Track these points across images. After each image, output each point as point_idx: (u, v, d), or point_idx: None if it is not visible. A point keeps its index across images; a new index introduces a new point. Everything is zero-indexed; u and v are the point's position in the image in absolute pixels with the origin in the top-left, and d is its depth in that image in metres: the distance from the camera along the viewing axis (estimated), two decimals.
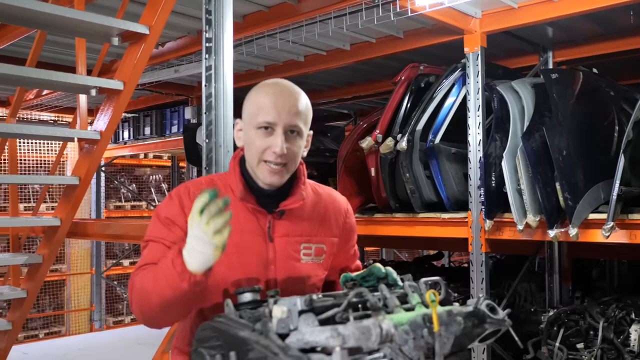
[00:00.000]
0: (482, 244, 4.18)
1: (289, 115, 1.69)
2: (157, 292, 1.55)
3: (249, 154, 1.74)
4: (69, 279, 8.83)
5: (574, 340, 4.16)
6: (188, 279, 1.50)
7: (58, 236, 3.63)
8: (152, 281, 1.57)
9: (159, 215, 1.73)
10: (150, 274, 1.60)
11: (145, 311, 1.61)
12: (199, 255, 1.49)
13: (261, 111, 1.69)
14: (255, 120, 1.70)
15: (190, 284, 1.50)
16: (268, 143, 1.69)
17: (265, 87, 1.74)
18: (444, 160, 4.37)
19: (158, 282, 1.55)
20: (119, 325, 8.97)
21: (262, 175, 1.72)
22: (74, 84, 3.13)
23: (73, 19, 2.93)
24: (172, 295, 1.53)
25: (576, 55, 5.17)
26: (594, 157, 3.96)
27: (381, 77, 6.14)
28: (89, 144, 3.38)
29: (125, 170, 9.76)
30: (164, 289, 1.53)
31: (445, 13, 3.98)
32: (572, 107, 3.94)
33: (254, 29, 4.25)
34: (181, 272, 1.50)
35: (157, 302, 1.56)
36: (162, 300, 1.55)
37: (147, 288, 1.58)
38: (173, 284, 1.51)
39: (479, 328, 1.64)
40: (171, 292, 1.53)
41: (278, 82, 1.77)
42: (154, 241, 1.70)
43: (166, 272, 1.53)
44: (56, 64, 5.36)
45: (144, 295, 1.59)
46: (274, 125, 1.68)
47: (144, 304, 1.60)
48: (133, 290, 1.64)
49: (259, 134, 1.70)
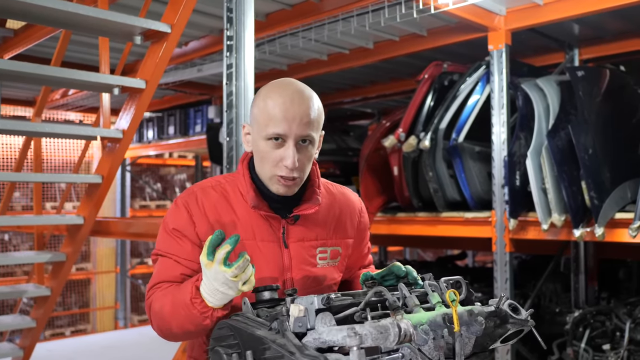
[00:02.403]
0: (506, 243, 4.12)
1: (300, 126, 1.60)
2: (177, 324, 1.56)
3: (259, 164, 1.68)
4: (94, 278, 8.94)
5: (600, 341, 4.10)
6: (210, 316, 1.51)
7: (81, 234, 3.66)
8: (170, 311, 1.56)
9: (167, 227, 1.68)
10: (167, 299, 1.58)
11: (165, 334, 1.64)
12: (221, 295, 1.49)
13: (271, 122, 1.60)
14: (265, 131, 1.61)
15: (213, 320, 1.51)
16: (280, 155, 1.62)
17: (274, 94, 1.63)
18: (467, 159, 4.32)
19: (178, 316, 1.55)
20: (144, 323, 9.05)
21: (274, 187, 1.67)
22: (97, 83, 3.16)
23: (97, 18, 2.95)
24: (194, 330, 1.56)
25: (603, 53, 5.08)
26: (621, 155, 3.89)
27: (404, 76, 6.10)
28: (112, 142, 3.40)
29: (150, 169, 9.87)
30: (184, 323, 1.54)
31: (469, 10, 3.93)
32: (598, 105, 3.87)
33: (276, 27, 4.25)
34: (203, 311, 1.50)
35: (178, 333, 1.59)
36: (184, 332, 1.58)
37: (166, 317, 1.58)
38: (195, 322, 1.52)
39: (501, 328, 1.61)
40: (194, 327, 1.54)
41: (287, 86, 1.66)
42: (164, 256, 1.67)
43: (187, 311, 1.52)
44: (80, 63, 5.43)
45: (163, 321, 1.59)
46: (285, 137, 1.61)
47: (163, 329, 1.62)
48: (151, 311, 1.64)
49: (269, 145, 1.62)
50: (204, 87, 6.60)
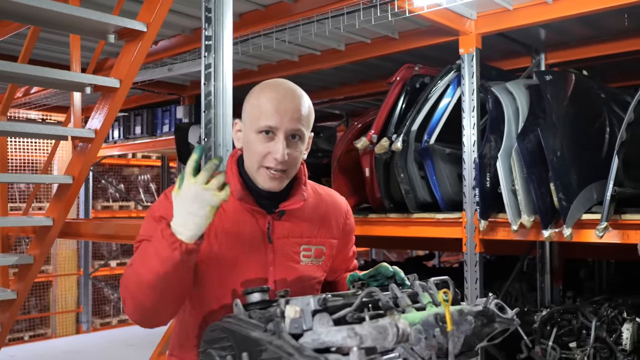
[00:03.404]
0: (477, 244, 4.19)
1: (291, 120, 1.65)
2: (148, 270, 1.50)
3: (249, 157, 1.71)
4: (55, 280, 8.73)
5: (567, 339, 4.20)
6: (179, 247, 1.46)
7: (50, 236, 3.58)
8: (141, 262, 1.53)
9: (154, 215, 1.69)
10: (138, 260, 1.56)
11: (139, 301, 1.55)
12: (192, 218, 1.46)
13: (262, 115, 1.65)
14: (257, 124, 1.65)
15: (182, 252, 1.47)
16: (269, 148, 1.65)
17: (268, 90, 1.69)
18: (438, 161, 4.38)
19: (148, 260, 1.51)
20: (106, 327, 8.90)
21: (261, 180, 1.69)
22: (70, 82, 3.09)
23: (69, 15, 2.89)
24: (163, 270, 1.48)
25: (568, 58, 5.22)
26: (586, 158, 3.99)
27: (374, 78, 6.15)
28: (84, 142, 3.34)
29: (113, 169, 9.68)
30: (155, 265, 1.49)
31: (441, 14, 3.98)
32: (565, 109, 3.97)
33: (250, 27, 4.23)
34: (172, 241, 1.46)
35: (149, 283, 1.50)
36: (155, 277, 1.49)
37: (138, 271, 1.53)
38: (164, 256, 1.47)
39: (488, 327, 1.64)
40: (162, 267, 1.48)
41: (280, 84, 1.72)
42: (147, 240, 1.65)
43: (156, 246, 1.49)
44: (48, 61, 5.31)
45: (135, 280, 1.54)
46: (276, 130, 1.65)
47: (137, 294, 1.54)
48: (124, 286, 1.59)
49: (259, 138, 1.66)
50: (173, 86, 6.53)
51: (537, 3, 3.99)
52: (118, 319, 9.17)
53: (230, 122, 2.83)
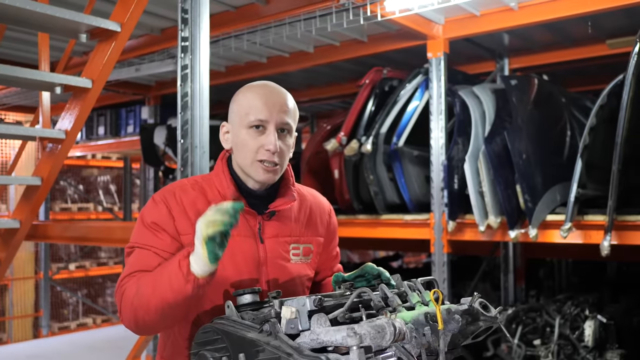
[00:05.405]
0: (444, 244, 4.27)
1: (280, 113, 1.70)
2: (157, 296, 1.53)
3: (241, 154, 1.73)
4: (11, 284, 8.49)
5: (532, 337, 4.31)
6: (193, 282, 1.49)
7: (17, 239, 3.51)
8: (151, 286, 1.55)
9: (144, 221, 1.69)
10: (147, 279, 1.57)
11: (140, 317, 1.57)
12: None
13: (252, 110, 1.69)
14: (247, 119, 1.69)
15: (195, 286, 1.49)
16: (261, 142, 1.68)
17: (254, 88, 1.75)
18: (406, 163, 4.45)
19: (159, 286, 1.53)
20: (65, 331, 8.69)
21: (255, 174, 1.71)
22: (41, 81, 3.03)
23: (41, 14, 2.83)
24: (173, 300, 1.51)
25: (530, 63, 5.37)
26: (550, 160, 4.12)
27: (341, 80, 6.18)
28: (53, 143, 3.28)
29: (72, 170, 9.47)
30: (166, 292, 1.51)
31: (410, 18, 4.05)
32: (529, 112, 4.08)
33: (220, 29, 4.21)
34: (187, 274, 1.49)
35: (156, 307, 1.53)
36: (163, 303, 1.52)
37: (145, 293, 1.55)
38: (176, 287, 1.50)
39: (473, 325, 1.69)
40: (173, 296, 1.51)
41: (265, 83, 1.78)
42: (141, 248, 1.67)
43: (171, 276, 1.51)
44: (10, 60, 5.17)
45: (141, 300, 1.56)
46: (266, 124, 1.69)
47: (140, 310, 1.56)
48: (123, 298, 1.60)
49: (250, 133, 1.69)
50: (138, 87, 6.43)
51: (503, 9, 4.10)
52: (77, 323, 8.98)
53: (207, 124, 2.83)
